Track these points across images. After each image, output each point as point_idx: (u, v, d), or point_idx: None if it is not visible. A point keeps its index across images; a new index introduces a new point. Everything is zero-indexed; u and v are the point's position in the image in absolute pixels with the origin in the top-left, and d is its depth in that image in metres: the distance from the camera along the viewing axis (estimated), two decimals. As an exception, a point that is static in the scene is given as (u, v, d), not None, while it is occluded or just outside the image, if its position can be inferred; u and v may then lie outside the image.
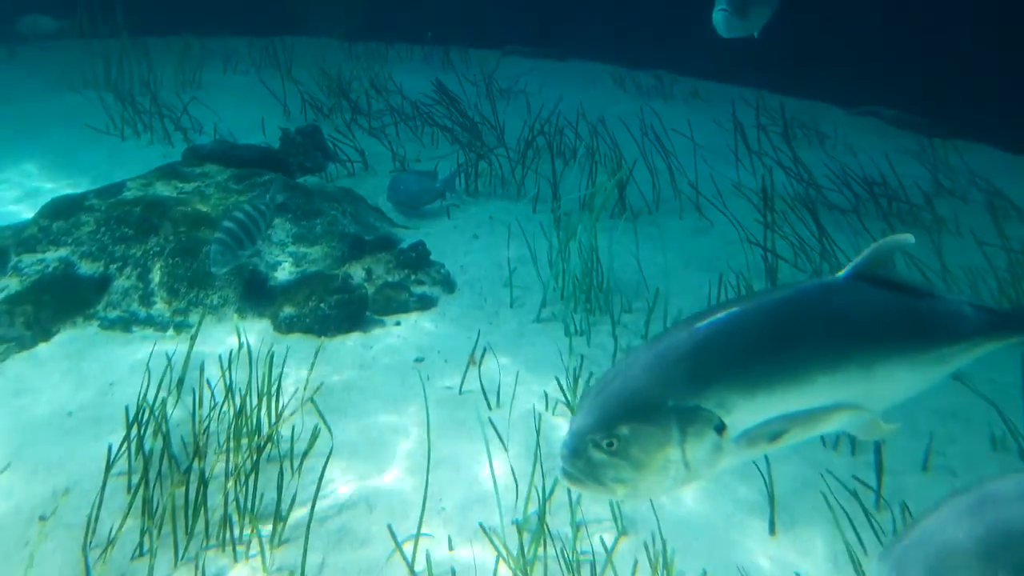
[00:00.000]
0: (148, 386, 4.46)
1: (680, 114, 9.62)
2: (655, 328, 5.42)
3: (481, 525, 3.75)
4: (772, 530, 3.81)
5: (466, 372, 4.82)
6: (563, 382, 4.72)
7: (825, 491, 3.94)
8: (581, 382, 4.69)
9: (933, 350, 2.62)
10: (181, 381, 4.55)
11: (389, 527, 3.57)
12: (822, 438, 4.36)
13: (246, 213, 4.84)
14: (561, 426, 4.43)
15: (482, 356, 5.01)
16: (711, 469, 2.45)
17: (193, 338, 4.83)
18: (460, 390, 4.74)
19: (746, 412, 2.41)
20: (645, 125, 8.55)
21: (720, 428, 2.40)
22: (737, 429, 2.42)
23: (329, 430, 4.33)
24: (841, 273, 2.58)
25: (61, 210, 5.81)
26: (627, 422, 2.37)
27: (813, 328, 2.48)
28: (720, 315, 2.49)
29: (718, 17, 5.86)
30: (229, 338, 5.14)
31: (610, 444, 2.38)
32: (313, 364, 4.83)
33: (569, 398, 4.60)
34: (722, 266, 6.28)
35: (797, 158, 8.02)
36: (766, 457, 4.03)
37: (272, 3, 12.27)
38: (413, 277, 5.85)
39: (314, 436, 4.16)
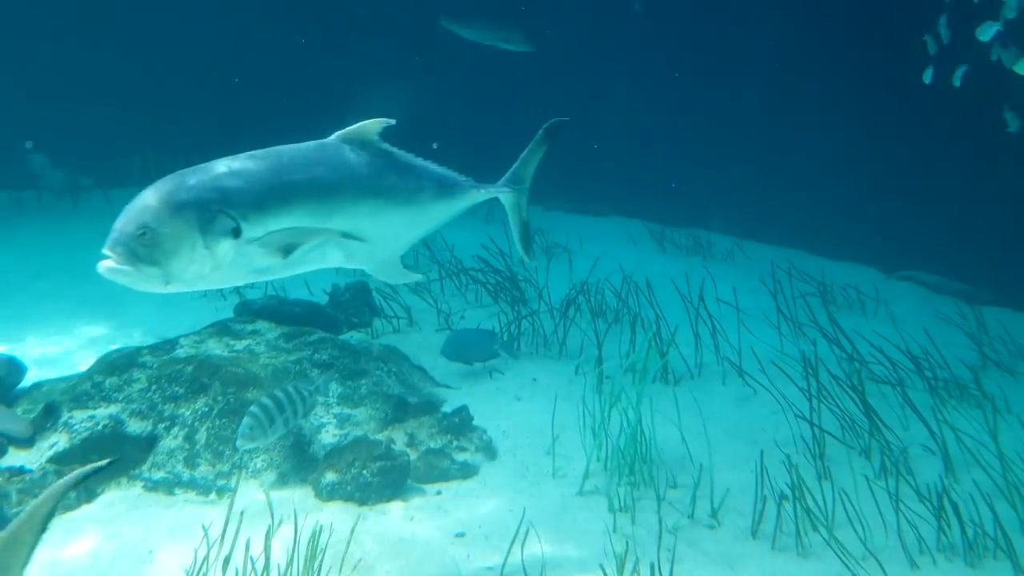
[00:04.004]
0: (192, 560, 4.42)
1: (719, 273, 9.71)
2: (701, 507, 5.32)
3: None
4: None
5: (509, 552, 4.73)
6: (608, 570, 4.61)
7: None
8: (628, 568, 4.57)
9: None
10: (228, 559, 4.45)
11: None
12: None
13: (287, 394, 4.86)
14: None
15: (525, 535, 4.92)
16: (235, 266, 3.55)
17: (231, 510, 4.75)
18: (502, 572, 4.64)
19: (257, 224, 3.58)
20: (687, 286, 8.62)
21: (237, 232, 3.52)
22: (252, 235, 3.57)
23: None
24: None
25: (116, 366, 5.92)
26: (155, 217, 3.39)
27: None
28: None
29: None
30: (272, 506, 5.11)
31: (143, 234, 3.35)
32: (349, 540, 4.75)
33: (615, 586, 4.46)
34: (767, 438, 6.22)
35: (839, 328, 8.01)
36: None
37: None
38: (455, 443, 5.84)
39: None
